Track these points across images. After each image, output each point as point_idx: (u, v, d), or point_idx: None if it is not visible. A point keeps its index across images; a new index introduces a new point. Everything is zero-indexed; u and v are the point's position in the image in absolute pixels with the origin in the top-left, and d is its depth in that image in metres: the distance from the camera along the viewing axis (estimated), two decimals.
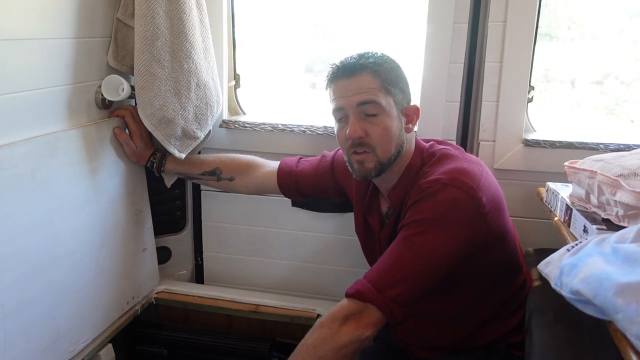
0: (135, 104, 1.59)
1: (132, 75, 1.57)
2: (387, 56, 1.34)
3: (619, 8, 1.86)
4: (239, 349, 1.75)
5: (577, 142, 1.67)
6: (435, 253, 1.19)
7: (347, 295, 1.21)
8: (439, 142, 1.41)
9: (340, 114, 1.32)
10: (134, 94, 1.56)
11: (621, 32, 1.88)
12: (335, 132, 1.37)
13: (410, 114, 1.36)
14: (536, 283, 1.42)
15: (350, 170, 1.37)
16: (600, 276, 0.80)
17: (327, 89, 1.36)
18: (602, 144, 1.65)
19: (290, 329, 1.81)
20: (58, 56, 1.41)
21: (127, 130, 1.65)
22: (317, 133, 1.82)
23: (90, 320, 1.54)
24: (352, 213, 1.55)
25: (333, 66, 1.33)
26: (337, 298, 1.82)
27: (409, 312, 1.21)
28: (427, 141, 1.42)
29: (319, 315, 1.77)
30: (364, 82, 1.28)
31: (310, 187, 1.63)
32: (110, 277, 1.61)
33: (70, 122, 1.47)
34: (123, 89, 1.54)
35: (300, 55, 2.17)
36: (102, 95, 1.55)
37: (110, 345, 1.62)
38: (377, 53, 1.33)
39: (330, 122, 1.78)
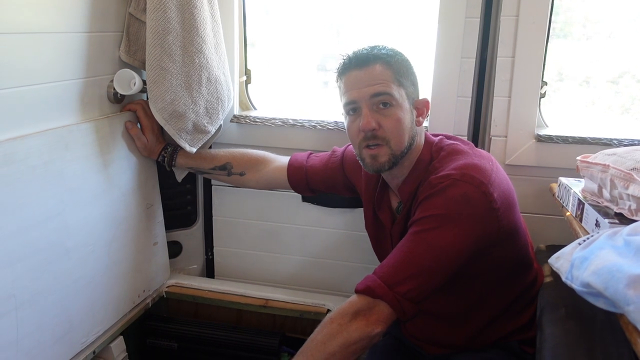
0: (147, 98, 1.60)
1: (144, 69, 1.58)
2: (397, 49, 1.34)
3: (635, 6, 1.83)
4: (249, 343, 1.76)
5: (590, 138, 1.65)
6: (446, 249, 1.18)
7: (357, 291, 1.21)
8: (448, 137, 1.40)
9: (353, 106, 1.31)
10: (146, 88, 1.57)
11: (637, 30, 1.86)
12: (346, 126, 1.36)
13: (421, 107, 1.35)
14: (548, 279, 1.41)
15: (362, 164, 1.36)
16: (612, 268, 0.79)
17: (337, 81, 1.35)
18: (615, 139, 1.63)
19: (299, 324, 1.82)
20: (71, 50, 1.42)
21: (138, 125, 1.66)
22: (328, 128, 1.82)
23: (101, 312, 1.55)
24: (362, 209, 1.55)
25: (345, 57, 1.32)
26: (346, 294, 1.82)
27: (419, 308, 1.20)
28: (436, 136, 1.41)
29: (328, 311, 1.77)
30: (376, 73, 1.27)
31: (320, 182, 1.62)
32: (121, 270, 1.62)
33: (83, 116, 1.48)
34: (135, 83, 1.56)
35: (312, 53, 2.17)
36: (114, 89, 1.57)
37: (121, 337, 1.64)
38: (387, 46, 1.33)
39: (341, 117, 1.80)
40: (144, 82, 1.58)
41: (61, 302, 1.39)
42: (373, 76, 1.27)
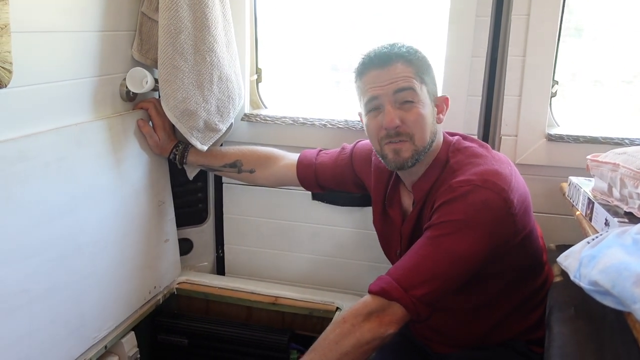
0: (159, 96, 1.62)
1: (156, 68, 1.59)
2: (416, 47, 1.33)
3: None
4: (258, 340, 1.77)
5: (601, 137, 1.64)
6: (464, 255, 1.18)
7: (371, 292, 1.20)
8: (465, 138, 1.39)
9: (375, 103, 1.30)
10: (158, 86, 1.59)
11: None
12: (366, 123, 1.34)
13: (440, 104, 1.36)
14: (557, 279, 1.41)
15: (383, 161, 1.35)
16: (619, 266, 0.79)
17: (356, 81, 1.34)
18: (627, 139, 1.62)
19: (309, 322, 1.83)
20: (85, 49, 1.44)
21: (150, 123, 1.68)
22: (338, 127, 1.82)
23: (113, 308, 1.57)
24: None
25: (364, 57, 1.32)
26: (356, 292, 1.84)
27: (434, 310, 1.21)
28: (452, 135, 1.40)
29: (338, 309, 1.77)
30: (398, 70, 1.27)
31: (329, 179, 1.63)
32: (133, 267, 1.64)
33: (95, 114, 1.50)
34: (147, 82, 1.57)
35: (324, 53, 2.17)
36: (126, 87, 1.58)
37: (132, 333, 1.65)
38: (406, 44, 1.32)
39: (351, 116, 1.80)
40: (156, 81, 1.60)
41: (74, 297, 1.40)
42: (395, 74, 1.27)
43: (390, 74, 1.27)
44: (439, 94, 1.56)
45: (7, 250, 1.20)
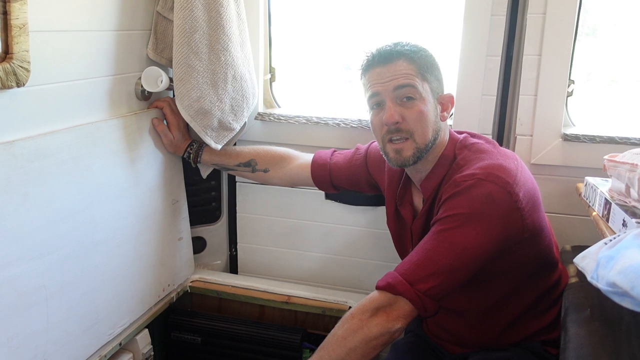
0: (174, 95, 1.62)
1: (171, 67, 1.60)
2: (421, 45, 1.35)
3: None
4: (271, 339, 1.78)
5: (618, 137, 1.62)
6: (469, 248, 1.18)
7: (378, 288, 1.21)
8: (472, 135, 1.40)
9: (376, 99, 1.32)
10: (172, 85, 1.60)
11: None
12: (370, 120, 1.36)
13: (445, 102, 1.36)
14: (573, 280, 1.40)
15: (386, 159, 1.36)
16: (638, 268, 0.78)
17: (361, 78, 1.36)
18: None
19: (321, 321, 1.83)
20: (101, 48, 1.45)
21: (165, 121, 1.69)
22: (351, 126, 1.82)
23: (127, 305, 1.58)
24: (384, 207, 1.55)
25: (368, 54, 1.34)
26: (368, 291, 1.81)
27: (441, 305, 1.21)
28: (460, 133, 1.40)
29: (350, 308, 1.77)
30: (400, 67, 1.28)
31: (343, 180, 1.63)
32: (147, 265, 1.65)
33: (111, 112, 1.51)
34: (162, 81, 1.58)
35: (337, 52, 2.18)
36: (141, 86, 1.60)
37: (146, 330, 1.67)
38: (410, 42, 1.34)
39: (365, 115, 1.79)
40: (171, 80, 1.61)
41: (89, 294, 1.42)
42: (396, 70, 1.28)
43: (392, 71, 1.28)
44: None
45: (24, 247, 1.21)
